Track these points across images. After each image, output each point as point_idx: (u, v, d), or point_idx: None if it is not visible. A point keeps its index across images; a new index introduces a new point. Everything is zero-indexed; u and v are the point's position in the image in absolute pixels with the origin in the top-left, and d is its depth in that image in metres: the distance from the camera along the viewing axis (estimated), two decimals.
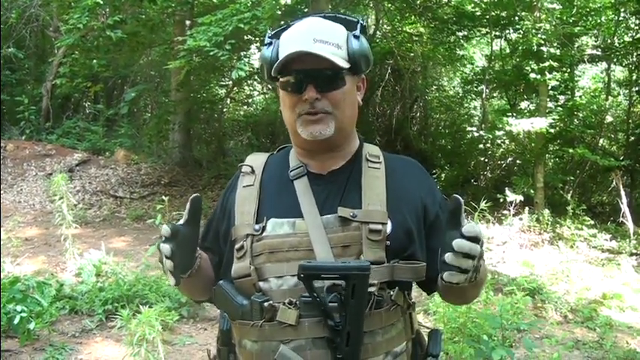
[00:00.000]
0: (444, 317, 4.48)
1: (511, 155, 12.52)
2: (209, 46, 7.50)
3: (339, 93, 1.43)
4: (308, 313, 1.32)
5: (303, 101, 1.41)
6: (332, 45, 1.40)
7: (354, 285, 1.24)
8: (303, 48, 1.38)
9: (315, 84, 1.40)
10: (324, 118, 1.43)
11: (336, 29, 1.45)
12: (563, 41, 10.21)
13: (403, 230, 1.40)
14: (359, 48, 1.43)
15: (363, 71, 1.49)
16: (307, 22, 1.46)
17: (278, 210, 1.45)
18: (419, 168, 1.60)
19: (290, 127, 1.49)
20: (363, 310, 1.28)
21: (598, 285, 6.61)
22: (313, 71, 1.40)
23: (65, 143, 12.65)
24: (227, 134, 15.40)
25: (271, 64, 1.44)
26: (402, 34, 13.41)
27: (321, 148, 1.49)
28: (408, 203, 1.47)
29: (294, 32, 1.44)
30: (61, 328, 4.83)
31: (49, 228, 8.13)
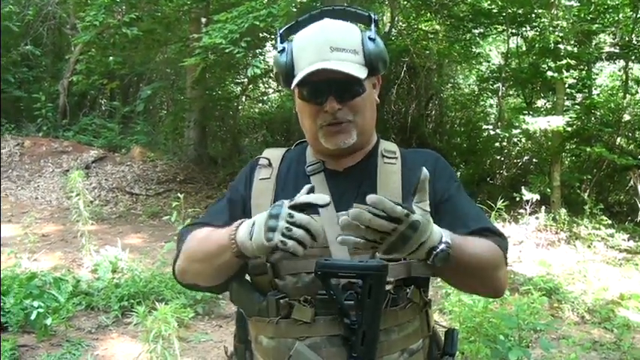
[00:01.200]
0: (459, 316, 4.45)
1: (527, 154, 12.44)
2: (225, 43, 7.51)
3: (359, 100, 1.42)
4: (324, 310, 1.31)
5: (325, 112, 1.41)
6: (349, 52, 1.38)
7: (370, 285, 1.23)
8: (320, 59, 1.36)
9: (336, 94, 1.39)
10: (346, 128, 1.42)
11: (351, 32, 1.43)
12: (580, 39, 10.12)
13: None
14: (375, 50, 1.42)
15: (380, 72, 1.47)
16: (320, 26, 1.43)
17: None
18: (432, 156, 1.57)
19: (310, 135, 1.48)
20: (379, 310, 1.26)
21: (615, 285, 6.55)
22: (332, 82, 1.38)
23: (81, 140, 12.75)
24: (242, 132, 15.43)
25: (287, 72, 1.43)
26: (417, 32, 13.36)
27: (343, 153, 1.49)
28: None
29: (308, 39, 1.42)
30: (78, 323, 4.86)
31: (65, 224, 8.19)
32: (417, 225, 1.15)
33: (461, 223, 1.43)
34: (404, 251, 1.19)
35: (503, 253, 1.42)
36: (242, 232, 1.26)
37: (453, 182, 1.53)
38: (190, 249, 1.44)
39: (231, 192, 1.57)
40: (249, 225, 1.25)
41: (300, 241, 1.17)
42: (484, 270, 1.39)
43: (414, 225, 1.14)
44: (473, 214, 1.49)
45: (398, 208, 1.12)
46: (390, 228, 1.13)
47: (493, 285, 1.46)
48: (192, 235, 1.46)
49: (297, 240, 1.16)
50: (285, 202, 1.20)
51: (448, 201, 1.47)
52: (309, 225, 1.17)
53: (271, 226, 1.18)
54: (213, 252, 1.36)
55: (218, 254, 1.34)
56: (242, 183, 1.56)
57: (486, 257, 1.37)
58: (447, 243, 1.23)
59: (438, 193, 1.47)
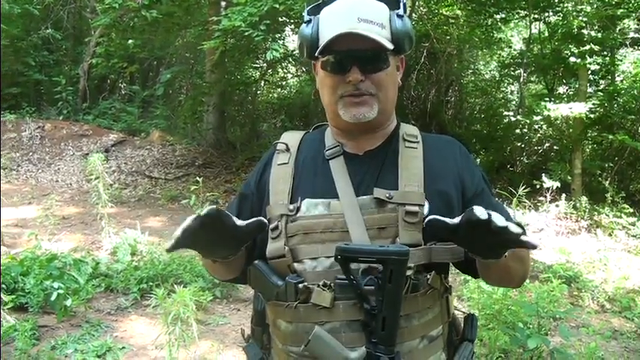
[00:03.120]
0: (478, 303, 4.44)
1: (548, 141, 12.30)
2: (244, 26, 7.48)
3: (383, 74, 1.40)
4: (343, 295, 1.30)
5: (347, 82, 1.38)
6: (376, 25, 1.36)
7: (391, 270, 1.21)
8: (349, 28, 1.34)
9: (359, 65, 1.37)
10: (368, 100, 1.40)
11: (380, 7, 1.41)
12: (604, 24, 9.94)
13: (440, 212, 1.31)
14: (403, 28, 1.40)
15: (406, 51, 1.45)
16: (349, 1, 1.41)
17: (313, 190, 1.42)
18: (457, 145, 1.55)
19: (330, 108, 1.46)
20: (400, 296, 1.25)
21: (636, 274, 6.48)
22: (358, 52, 1.36)
23: (101, 124, 12.83)
24: (261, 116, 15.43)
25: (312, 42, 1.41)
26: (438, 17, 13.23)
27: (362, 130, 1.46)
28: (446, 183, 1.42)
29: (336, 10, 1.40)
30: (97, 305, 4.91)
31: (85, 207, 8.26)
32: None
33: None
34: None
35: None
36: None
37: (480, 174, 1.51)
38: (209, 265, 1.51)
39: (244, 185, 1.58)
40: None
41: None
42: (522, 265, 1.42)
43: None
44: (499, 209, 1.45)
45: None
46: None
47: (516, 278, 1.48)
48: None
49: None
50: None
51: (479, 196, 1.45)
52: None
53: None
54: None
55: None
56: (254, 176, 1.55)
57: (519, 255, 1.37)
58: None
59: (470, 188, 1.46)
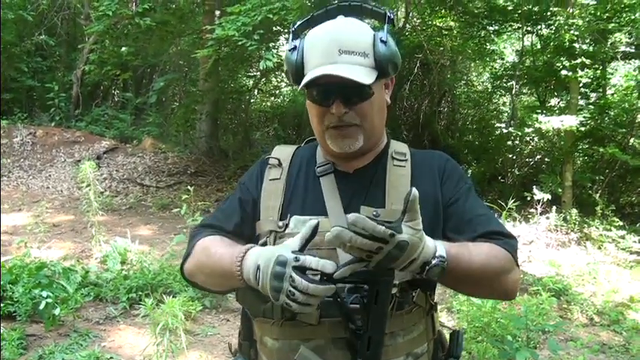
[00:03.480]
0: (467, 316, 4.45)
1: (539, 153, 12.35)
2: (237, 35, 7.50)
3: (366, 104, 1.41)
4: (329, 313, 1.29)
5: (331, 114, 1.39)
6: (358, 55, 1.36)
7: (377, 290, 1.21)
8: (328, 62, 1.34)
9: (342, 98, 1.38)
10: (352, 132, 1.42)
11: (362, 32, 1.40)
12: (596, 37, 10.02)
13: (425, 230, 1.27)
14: (386, 53, 1.39)
15: (391, 75, 1.46)
16: (332, 26, 1.41)
17: (303, 207, 1.43)
18: (445, 158, 1.56)
19: (318, 135, 1.48)
20: (385, 316, 1.24)
21: (626, 288, 6.50)
22: (339, 85, 1.36)
23: (94, 130, 12.80)
24: (254, 125, 15.43)
25: (297, 71, 1.41)
26: (431, 28, 13.30)
27: (350, 156, 1.48)
28: (428, 199, 1.42)
29: (319, 40, 1.39)
30: (86, 314, 4.89)
31: (76, 214, 8.23)
32: (405, 245, 1.12)
33: (468, 227, 1.42)
34: (393, 267, 1.17)
35: (512, 255, 1.39)
36: (247, 271, 1.25)
37: (462, 184, 1.51)
38: (199, 260, 1.44)
39: (242, 191, 1.56)
40: (254, 266, 1.23)
41: (305, 304, 1.15)
42: (489, 277, 1.36)
43: (401, 245, 1.12)
44: (481, 216, 1.46)
45: (379, 227, 1.09)
46: (373, 247, 1.11)
47: (500, 290, 1.43)
48: (202, 243, 1.45)
49: (301, 303, 1.14)
50: (290, 260, 1.16)
51: (455, 204, 1.46)
52: (310, 291, 1.13)
53: (276, 287, 1.16)
54: (220, 274, 1.35)
55: (225, 278, 1.33)
56: (252, 182, 1.55)
57: (491, 263, 1.34)
58: (440, 257, 1.22)
59: (447, 196, 1.46)
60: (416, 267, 1.20)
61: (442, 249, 1.23)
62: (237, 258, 1.28)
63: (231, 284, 1.34)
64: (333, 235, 1.10)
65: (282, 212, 1.44)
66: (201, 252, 1.43)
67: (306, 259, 1.15)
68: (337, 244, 1.12)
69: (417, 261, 1.18)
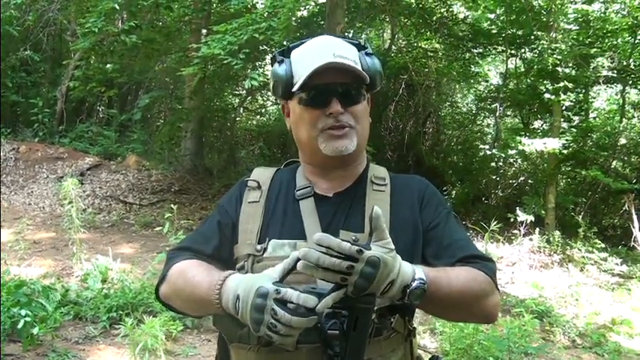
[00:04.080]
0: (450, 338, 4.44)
1: (523, 175, 12.45)
2: (223, 54, 7.51)
3: (360, 107, 1.44)
4: (306, 339, 1.25)
5: (327, 116, 1.40)
6: (351, 61, 1.40)
7: (357, 316, 1.20)
8: (328, 60, 1.37)
9: (339, 98, 1.39)
10: (348, 133, 1.42)
11: (350, 47, 1.46)
12: (578, 62, 10.17)
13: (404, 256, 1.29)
14: (373, 65, 1.44)
15: (377, 88, 1.48)
16: (321, 39, 1.47)
17: (281, 230, 1.43)
18: (425, 184, 1.56)
19: (308, 144, 1.47)
20: (365, 343, 1.22)
21: (607, 310, 6.54)
22: (337, 85, 1.39)
23: (77, 147, 12.71)
24: (239, 143, 15.41)
25: (287, 81, 1.43)
26: (417, 50, 13.42)
27: (338, 165, 1.48)
28: (407, 224, 1.44)
29: (309, 49, 1.44)
30: (65, 333, 4.82)
31: (57, 231, 8.14)
32: (376, 262, 1.12)
33: (447, 252, 1.42)
34: (373, 291, 1.16)
35: (491, 279, 1.39)
36: (227, 300, 1.23)
37: (441, 209, 1.51)
38: (176, 285, 1.42)
39: (221, 214, 1.54)
40: (233, 297, 1.21)
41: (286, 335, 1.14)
42: (469, 301, 1.36)
43: (372, 262, 1.11)
44: (460, 242, 1.46)
45: (344, 244, 1.09)
46: (343, 267, 1.10)
47: (480, 314, 1.43)
48: (179, 268, 1.43)
49: (282, 335, 1.13)
50: (271, 292, 1.14)
51: (435, 229, 1.46)
52: (293, 324, 1.12)
53: (257, 319, 1.14)
54: (197, 302, 1.34)
55: (203, 306, 1.32)
56: (232, 205, 1.53)
57: (471, 287, 1.34)
58: (420, 279, 1.22)
59: (426, 222, 1.47)
60: (396, 291, 1.19)
61: (421, 272, 1.24)
62: (216, 285, 1.26)
63: (209, 311, 1.33)
64: (301, 255, 1.10)
65: (260, 236, 1.43)
66: (178, 276, 1.41)
67: (287, 292, 1.13)
68: (308, 270, 1.12)
69: (395, 283, 1.18)
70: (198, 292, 1.31)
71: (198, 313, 1.46)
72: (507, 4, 10.59)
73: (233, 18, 8.41)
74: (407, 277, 1.20)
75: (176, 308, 1.48)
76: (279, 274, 1.19)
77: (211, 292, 1.26)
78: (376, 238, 1.15)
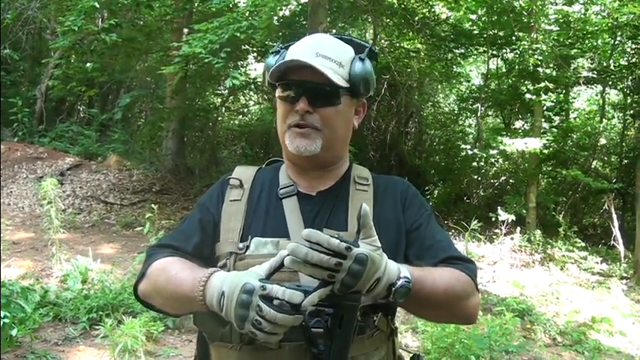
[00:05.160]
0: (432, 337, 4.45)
1: (504, 174, 12.54)
2: (204, 53, 7.47)
3: (331, 110, 1.41)
4: (290, 337, 1.24)
5: (295, 112, 1.40)
6: (333, 62, 1.39)
7: (342, 314, 1.19)
8: (303, 59, 1.36)
9: (309, 97, 1.39)
10: (311, 134, 1.41)
11: (344, 49, 1.45)
12: (559, 63, 10.26)
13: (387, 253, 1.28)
14: (361, 71, 1.42)
15: (362, 95, 1.47)
16: (316, 36, 1.48)
17: (264, 228, 1.41)
18: (407, 185, 1.57)
19: (281, 138, 1.47)
20: (349, 341, 1.22)
21: (588, 308, 6.60)
22: (309, 83, 1.38)
23: (57, 147, 12.59)
24: (221, 143, 15.35)
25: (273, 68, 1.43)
26: (399, 50, 13.44)
27: (309, 165, 1.47)
28: (390, 224, 1.44)
29: (301, 44, 1.44)
30: (44, 335, 4.75)
31: (37, 232, 8.04)
32: (364, 259, 1.12)
33: (429, 253, 1.43)
34: (359, 288, 1.16)
35: (472, 280, 1.40)
36: (211, 297, 1.21)
37: (423, 211, 1.52)
38: (157, 282, 1.39)
39: (202, 211, 1.52)
40: (218, 294, 1.19)
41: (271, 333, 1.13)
42: (451, 301, 1.37)
43: (360, 259, 1.11)
44: (441, 243, 1.48)
45: (334, 240, 1.09)
46: (332, 263, 1.10)
47: (461, 314, 1.44)
48: (160, 265, 1.40)
49: (267, 333, 1.12)
50: (257, 289, 1.12)
51: (417, 230, 1.47)
52: (278, 320, 1.11)
53: (242, 316, 1.13)
54: (179, 298, 1.31)
55: (186, 303, 1.30)
56: (213, 202, 1.52)
57: (452, 288, 1.35)
58: (406, 278, 1.22)
59: (408, 222, 1.47)
60: (381, 289, 1.19)
61: (406, 270, 1.24)
62: (200, 282, 1.24)
63: (191, 308, 1.30)
64: (289, 250, 1.10)
65: (242, 234, 1.42)
66: (159, 274, 1.39)
67: (273, 288, 1.12)
68: (296, 266, 1.12)
69: (381, 281, 1.18)
70: (181, 290, 1.29)
71: (179, 312, 1.43)
72: (489, 4, 10.65)
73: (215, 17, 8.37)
74: (392, 275, 1.21)
75: (155, 306, 1.45)
76: (265, 271, 1.18)
77: (195, 290, 1.24)
78: (364, 235, 1.16)
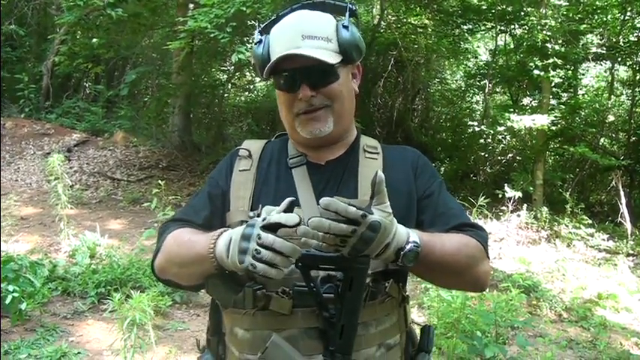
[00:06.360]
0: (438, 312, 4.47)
1: (511, 151, 12.49)
2: (210, 27, 7.43)
3: (334, 86, 1.42)
4: (302, 302, 1.29)
5: (299, 100, 1.41)
6: (321, 39, 1.39)
7: (352, 278, 1.21)
8: (292, 47, 1.37)
9: (309, 81, 1.39)
10: (322, 115, 1.43)
11: (325, 20, 1.44)
12: (568, 38, 10.16)
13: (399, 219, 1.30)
14: (349, 38, 1.42)
15: (356, 60, 1.47)
16: (295, 16, 1.45)
17: (274, 197, 1.42)
18: (417, 154, 1.58)
19: (288, 124, 1.49)
20: (359, 304, 1.24)
21: (594, 285, 6.60)
22: (305, 69, 1.38)
23: (64, 123, 12.60)
24: (227, 120, 15.34)
25: (263, 62, 1.44)
26: (406, 26, 13.34)
27: (321, 143, 1.48)
28: (401, 191, 1.45)
29: (282, 29, 1.43)
30: (53, 309, 4.80)
31: (45, 208, 8.08)
32: (377, 226, 1.14)
33: (441, 220, 1.45)
34: (369, 253, 1.18)
35: (483, 247, 1.42)
36: (220, 246, 1.25)
37: (434, 179, 1.53)
38: (171, 251, 1.42)
39: (211, 185, 1.55)
40: (226, 240, 1.23)
41: (270, 263, 1.14)
42: (460, 266, 1.39)
43: (373, 226, 1.14)
44: (453, 210, 1.49)
45: (351, 208, 1.12)
46: (348, 230, 1.13)
47: (472, 280, 1.45)
48: (173, 235, 1.43)
49: (266, 262, 1.14)
50: (258, 221, 1.18)
51: (429, 197, 1.48)
52: (276, 246, 1.14)
53: (243, 248, 1.17)
54: (193, 260, 1.34)
55: (198, 263, 1.32)
56: (222, 175, 1.54)
57: (463, 253, 1.37)
58: (414, 242, 1.24)
59: (420, 190, 1.49)
60: (390, 253, 1.21)
61: (415, 235, 1.26)
62: (212, 238, 1.28)
63: (203, 269, 1.32)
64: (313, 225, 1.13)
65: (252, 202, 1.44)
66: (172, 242, 1.42)
67: (272, 215, 1.18)
68: (310, 235, 1.14)
69: (390, 246, 1.20)
70: (194, 250, 1.32)
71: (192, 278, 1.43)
72: None
73: None
74: (401, 239, 1.23)
75: (171, 278, 1.47)
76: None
77: (207, 246, 1.27)
78: (377, 201, 1.17)
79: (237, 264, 1.18)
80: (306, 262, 1.22)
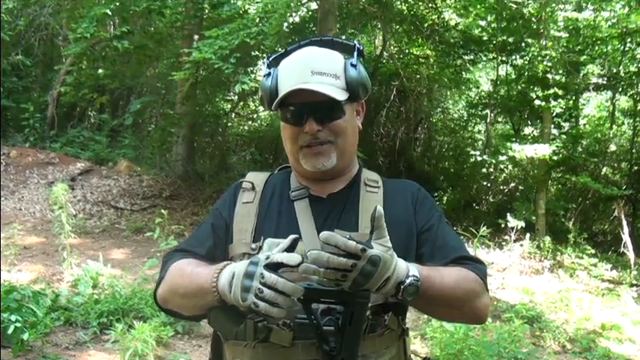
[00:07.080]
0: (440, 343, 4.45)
1: (513, 181, 12.51)
2: (214, 58, 7.52)
3: (340, 122, 1.45)
4: (302, 335, 1.31)
5: (305, 133, 1.43)
6: (330, 76, 1.42)
7: (352, 311, 1.23)
8: (301, 82, 1.40)
9: (315, 116, 1.42)
10: (326, 150, 1.45)
11: (334, 58, 1.47)
12: (568, 69, 10.24)
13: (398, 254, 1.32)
14: (356, 77, 1.45)
15: (362, 98, 1.51)
16: (305, 52, 1.48)
17: (276, 229, 1.45)
18: (417, 187, 1.60)
19: (292, 157, 1.51)
20: (359, 337, 1.26)
21: (597, 315, 6.56)
22: (312, 104, 1.41)
23: (68, 152, 12.65)
24: (231, 149, 15.39)
25: (271, 95, 1.46)
26: (408, 56, 13.46)
27: (324, 177, 1.51)
28: (401, 225, 1.47)
29: (292, 63, 1.47)
30: (55, 339, 4.79)
31: (48, 237, 8.10)
32: (377, 260, 1.17)
33: (440, 253, 1.46)
34: (369, 287, 1.20)
35: (482, 280, 1.43)
36: (223, 280, 1.27)
37: (434, 212, 1.55)
38: (174, 282, 1.44)
39: (215, 217, 1.57)
40: (229, 275, 1.25)
41: (272, 302, 1.17)
42: (460, 300, 1.40)
43: (373, 260, 1.16)
44: (452, 243, 1.51)
45: (351, 242, 1.14)
46: (348, 264, 1.15)
47: (472, 314, 1.46)
48: (176, 266, 1.45)
49: (268, 302, 1.17)
50: (262, 259, 1.20)
51: (429, 231, 1.50)
52: (279, 286, 1.17)
53: (246, 286, 1.19)
54: (195, 292, 1.36)
55: (200, 295, 1.34)
56: (225, 207, 1.56)
57: (462, 287, 1.39)
58: (414, 276, 1.26)
59: (420, 223, 1.51)
60: (390, 287, 1.23)
61: (415, 269, 1.27)
62: (215, 272, 1.30)
63: (206, 302, 1.34)
64: (312, 259, 1.14)
65: (255, 235, 1.46)
66: (176, 273, 1.44)
67: (275, 254, 1.20)
68: (311, 271, 1.16)
69: (391, 280, 1.22)
70: (197, 282, 1.34)
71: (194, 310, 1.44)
72: (498, 11, 10.66)
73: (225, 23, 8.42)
74: (401, 273, 1.24)
75: (173, 309, 1.49)
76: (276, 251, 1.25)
77: (209, 280, 1.30)
78: (377, 236, 1.20)
79: (240, 301, 1.20)
80: (307, 296, 1.23)
